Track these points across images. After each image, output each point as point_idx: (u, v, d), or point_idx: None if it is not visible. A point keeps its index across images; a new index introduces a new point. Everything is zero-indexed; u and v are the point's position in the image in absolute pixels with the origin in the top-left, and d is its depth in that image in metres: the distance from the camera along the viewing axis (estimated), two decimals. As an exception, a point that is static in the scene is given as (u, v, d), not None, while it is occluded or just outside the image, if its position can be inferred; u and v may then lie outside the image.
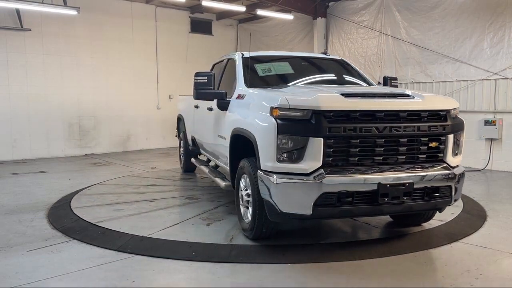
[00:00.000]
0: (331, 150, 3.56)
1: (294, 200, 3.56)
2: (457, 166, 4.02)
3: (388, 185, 3.58)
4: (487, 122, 8.37)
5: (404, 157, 3.78)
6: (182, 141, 8.14)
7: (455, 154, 4.00)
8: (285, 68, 5.54)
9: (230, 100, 4.82)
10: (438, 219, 4.86)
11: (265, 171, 3.70)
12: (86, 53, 11.21)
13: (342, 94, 3.75)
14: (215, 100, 5.00)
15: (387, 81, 5.63)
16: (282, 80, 5.20)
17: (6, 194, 6.61)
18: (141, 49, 12.14)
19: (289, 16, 11.69)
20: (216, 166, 6.37)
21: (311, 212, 3.52)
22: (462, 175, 4.00)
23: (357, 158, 3.64)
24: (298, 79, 5.29)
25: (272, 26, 13.10)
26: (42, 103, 10.60)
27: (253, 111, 4.07)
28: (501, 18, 8.28)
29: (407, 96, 3.99)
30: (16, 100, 10.26)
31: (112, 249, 4.09)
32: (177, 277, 3.52)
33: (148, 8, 12.18)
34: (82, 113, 11.30)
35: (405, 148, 3.76)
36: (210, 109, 5.57)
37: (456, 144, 4.00)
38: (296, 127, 3.55)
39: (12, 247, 4.18)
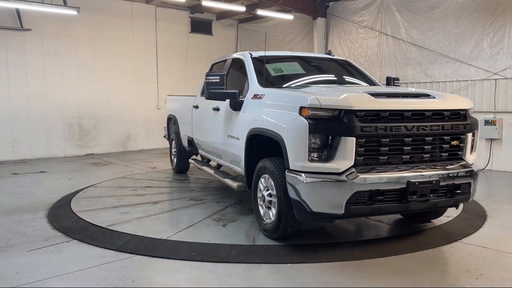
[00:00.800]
0: (362, 149, 3.60)
1: (327, 199, 3.56)
2: (473, 163, 4.14)
3: (417, 183, 3.64)
4: (487, 122, 8.36)
5: (428, 155, 3.88)
6: (174, 142, 8.04)
7: (471, 152, 4.14)
8: (295, 68, 5.57)
9: (243, 100, 4.78)
10: (438, 219, 4.87)
11: (294, 171, 3.68)
12: (86, 53, 11.21)
13: (370, 94, 3.81)
14: (226, 101, 4.96)
15: (390, 81, 5.72)
16: (294, 80, 5.24)
17: (6, 194, 6.61)
18: (141, 49, 12.14)
19: (289, 16, 11.69)
20: (219, 166, 6.33)
21: (343, 211, 3.54)
22: (478, 172, 4.12)
23: (386, 157, 3.70)
24: (310, 79, 5.34)
25: (272, 26, 13.10)
26: (42, 103, 10.60)
27: (277, 111, 4.05)
28: (501, 18, 8.28)
29: (428, 96, 4.08)
30: (16, 100, 10.26)
31: (112, 249, 4.08)
32: (177, 277, 3.52)
33: (148, 8, 12.18)
34: (82, 113, 11.30)
35: (430, 147, 3.86)
36: (217, 109, 5.51)
37: (473, 142, 4.14)
38: (328, 126, 3.56)
39: (12, 247, 4.18)
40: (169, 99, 8.67)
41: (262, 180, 4.31)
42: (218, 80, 4.73)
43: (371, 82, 5.56)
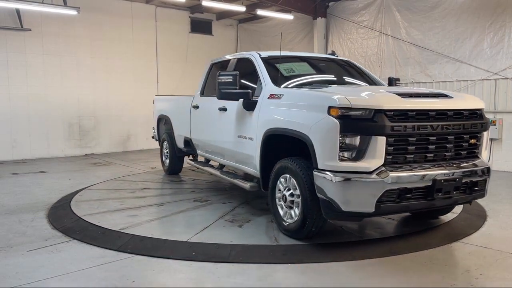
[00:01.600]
0: (391, 148, 3.67)
1: (358, 198, 3.61)
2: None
3: (442, 181, 3.75)
4: (487, 122, 8.36)
5: (450, 153, 3.99)
6: (165, 143, 7.92)
7: (484, 150, 4.31)
8: (306, 69, 5.59)
9: (256, 100, 4.76)
10: (438, 219, 4.87)
11: (324, 171, 3.69)
12: (86, 53, 11.21)
13: (397, 94, 3.89)
14: (235, 101, 4.93)
15: (392, 81, 5.78)
16: (307, 80, 5.27)
17: (6, 194, 6.62)
18: (141, 49, 12.14)
19: (289, 16, 11.69)
20: (221, 167, 6.24)
21: (374, 210, 3.60)
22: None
23: (412, 156, 3.78)
24: (322, 79, 5.37)
25: (272, 26, 13.10)
26: (42, 103, 10.60)
27: (300, 111, 4.04)
28: (501, 18, 8.28)
29: (446, 96, 4.18)
30: (16, 100, 10.26)
31: (112, 249, 4.08)
32: (177, 277, 3.52)
33: (148, 8, 12.19)
34: (82, 113, 11.31)
35: (451, 145, 3.98)
36: (224, 109, 5.45)
37: (486, 140, 4.32)
38: (359, 126, 3.60)
39: (12, 247, 4.18)
40: (159, 99, 8.55)
41: (282, 180, 4.32)
42: (231, 80, 4.69)
43: (378, 83, 5.65)
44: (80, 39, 11.08)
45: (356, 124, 3.59)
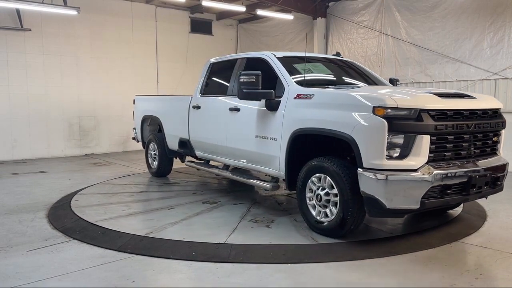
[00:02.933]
0: (434, 146, 3.82)
1: (404, 195, 3.71)
2: None
3: (476, 176, 3.97)
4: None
5: (478, 150, 4.22)
6: (153, 144, 7.68)
7: (502, 147, 4.58)
8: (322, 69, 5.63)
9: (280, 100, 4.75)
10: (438, 219, 4.87)
11: (370, 169, 3.76)
12: (86, 53, 11.21)
13: (434, 94, 4.06)
14: (260, 100, 4.89)
15: (393, 82, 5.96)
16: (326, 81, 5.34)
17: (6, 194, 6.62)
18: (141, 49, 12.14)
19: (289, 16, 11.70)
20: (226, 167, 6.13)
21: (419, 206, 3.74)
22: None
23: (450, 153, 3.96)
24: (337, 79, 5.42)
25: (272, 26, 13.11)
26: (42, 103, 10.61)
27: (339, 111, 4.05)
28: (501, 18, 8.28)
29: (470, 96, 4.35)
30: (16, 100, 10.27)
31: (112, 249, 4.08)
32: (177, 277, 3.52)
33: (148, 8, 12.19)
34: (82, 113, 11.31)
35: (480, 143, 4.22)
36: (236, 109, 5.40)
37: (503, 138, 4.62)
38: (405, 125, 3.71)
39: (12, 247, 4.18)
40: (143, 99, 8.29)
41: (315, 179, 4.34)
42: (254, 80, 4.66)
43: (385, 83, 5.81)
44: (80, 39, 11.08)
45: (403, 124, 3.70)
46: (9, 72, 10.15)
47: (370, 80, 5.70)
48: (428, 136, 3.74)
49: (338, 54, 6.36)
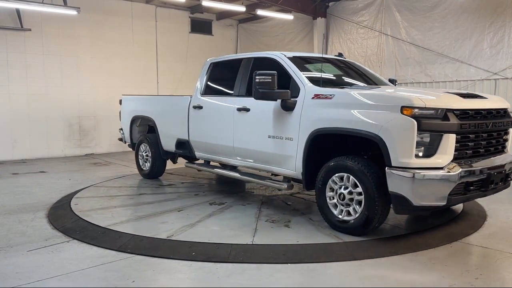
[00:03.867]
0: (458, 144, 3.96)
1: (432, 192, 3.84)
2: None
3: (495, 173, 4.14)
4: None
5: (493, 148, 4.41)
6: (145, 146, 7.49)
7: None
8: (332, 69, 5.65)
9: (296, 100, 4.76)
10: (438, 219, 4.87)
11: (398, 168, 3.84)
12: (86, 53, 11.21)
13: (457, 95, 4.21)
14: (260, 101, 4.90)
15: (393, 82, 6.13)
16: (337, 81, 5.39)
17: (6, 194, 6.62)
18: (141, 49, 12.14)
19: (289, 16, 11.70)
20: (232, 168, 6.06)
21: (446, 202, 3.88)
22: None
23: (471, 151, 4.11)
24: (348, 80, 5.46)
25: (272, 26, 13.10)
26: (42, 103, 10.61)
27: (364, 111, 4.12)
28: (501, 18, 8.28)
29: (482, 96, 4.49)
30: (16, 100, 10.27)
31: (112, 249, 4.08)
32: (177, 277, 3.52)
33: (148, 8, 12.19)
34: (82, 113, 11.31)
35: (495, 141, 4.40)
36: (245, 109, 5.37)
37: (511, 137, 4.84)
38: (433, 124, 3.84)
39: (12, 247, 4.18)
40: (132, 99, 8.05)
41: (336, 178, 4.40)
42: (270, 80, 4.66)
43: (387, 84, 5.91)
44: (80, 39, 11.08)
45: (430, 123, 3.81)
46: (9, 72, 10.15)
47: (371, 81, 5.73)
48: (454, 134, 3.87)
49: (340, 54, 6.36)
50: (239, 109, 5.49)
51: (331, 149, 4.59)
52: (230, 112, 5.64)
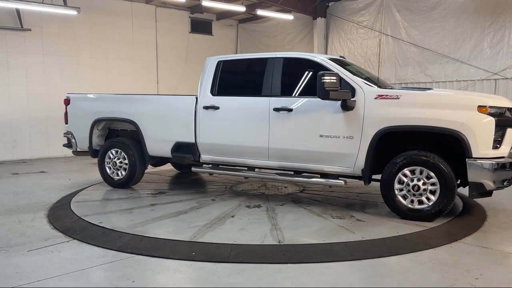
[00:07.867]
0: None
1: (502, 177, 4.57)
2: None
3: None
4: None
5: None
6: (119, 152, 6.66)
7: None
8: (359, 70, 5.86)
9: (354, 100, 4.97)
10: (439, 219, 4.87)
11: (479, 159, 4.51)
12: (86, 53, 11.22)
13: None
14: (304, 101, 5.21)
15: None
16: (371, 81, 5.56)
17: (6, 194, 6.62)
18: (141, 49, 12.14)
19: (289, 16, 11.70)
20: (251, 169, 5.90)
21: (504, 185, 4.64)
22: None
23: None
24: (369, 80, 5.53)
25: (272, 26, 13.11)
26: (42, 103, 10.61)
27: (441, 110, 4.64)
28: (501, 18, 8.29)
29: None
30: (16, 100, 10.27)
31: (112, 249, 4.08)
32: (177, 277, 3.52)
33: (148, 8, 12.19)
34: (82, 113, 11.29)
35: None
36: (286, 109, 5.34)
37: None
38: (502, 121, 4.57)
39: (12, 247, 4.18)
40: (93, 98, 7.32)
41: (407, 172, 4.82)
42: (335, 81, 4.84)
43: (392, 87, 6.06)
44: (80, 39, 11.08)
45: (500, 119, 4.54)
46: (9, 72, 10.16)
47: (377, 83, 5.77)
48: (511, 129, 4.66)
49: (342, 57, 6.38)
50: (276, 109, 5.42)
51: (393, 146, 4.96)
52: (264, 113, 5.51)
